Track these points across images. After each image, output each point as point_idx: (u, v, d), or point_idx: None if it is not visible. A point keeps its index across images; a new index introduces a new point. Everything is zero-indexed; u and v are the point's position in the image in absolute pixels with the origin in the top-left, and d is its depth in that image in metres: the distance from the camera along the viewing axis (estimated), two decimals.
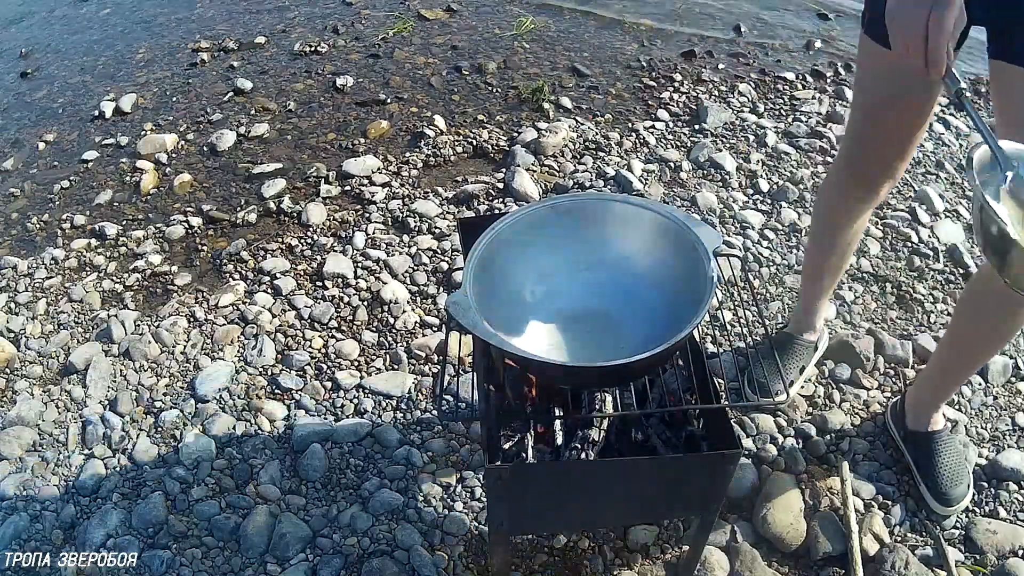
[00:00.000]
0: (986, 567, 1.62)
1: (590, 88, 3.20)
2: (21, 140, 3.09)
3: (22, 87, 3.47)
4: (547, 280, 1.34)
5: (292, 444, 1.84)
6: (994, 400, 1.97)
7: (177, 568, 1.60)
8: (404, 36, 3.58)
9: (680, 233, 1.23)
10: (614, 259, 1.33)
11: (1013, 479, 1.77)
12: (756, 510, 1.69)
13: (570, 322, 1.32)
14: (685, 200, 2.56)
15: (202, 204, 2.63)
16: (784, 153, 2.78)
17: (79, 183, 2.80)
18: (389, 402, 1.93)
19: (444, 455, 1.81)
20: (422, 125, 2.94)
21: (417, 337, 2.10)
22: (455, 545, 1.64)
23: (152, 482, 1.77)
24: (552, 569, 1.61)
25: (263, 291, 2.24)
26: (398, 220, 2.49)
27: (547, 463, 1.25)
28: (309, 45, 3.51)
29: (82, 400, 1.96)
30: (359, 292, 2.23)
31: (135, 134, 3.01)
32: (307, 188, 2.67)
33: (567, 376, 1.20)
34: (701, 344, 1.41)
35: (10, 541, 1.65)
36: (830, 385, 1.99)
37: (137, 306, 2.24)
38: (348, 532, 1.67)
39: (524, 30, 3.58)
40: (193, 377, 1.99)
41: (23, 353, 2.12)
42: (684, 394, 1.30)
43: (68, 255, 2.45)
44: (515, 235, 1.28)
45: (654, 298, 1.29)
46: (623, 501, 1.29)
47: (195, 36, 3.71)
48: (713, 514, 1.35)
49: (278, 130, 2.98)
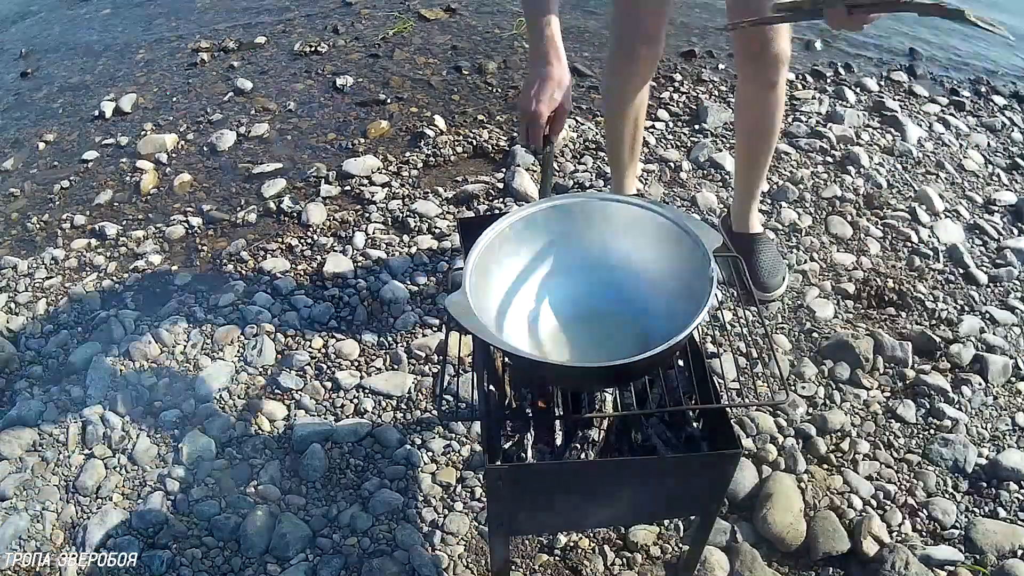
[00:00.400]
0: (986, 567, 1.62)
1: (590, 88, 3.20)
2: (21, 140, 3.09)
3: (22, 87, 3.48)
4: (547, 280, 1.34)
5: (292, 444, 1.84)
6: (994, 400, 1.97)
7: (177, 568, 1.60)
8: (404, 36, 3.58)
9: (680, 233, 1.23)
10: (614, 259, 1.33)
11: (1013, 479, 1.77)
12: (756, 510, 1.68)
13: (570, 322, 1.32)
14: (685, 200, 2.56)
15: (202, 204, 2.63)
16: (784, 153, 2.78)
17: (79, 183, 2.80)
18: (389, 402, 1.93)
19: (444, 455, 1.81)
20: (422, 125, 2.94)
21: (417, 337, 2.10)
22: (455, 545, 1.65)
23: (152, 482, 1.77)
24: (552, 569, 1.61)
25: (263, 291, 2.24)
26: (398, 220, 2.49)
27: (547, 463, 1.25)
28: (309, 45, 3.51)
29: (82, 400, 1.96)
30: (359, 292, 2.23)
31: (135, 134, 3.01)
32: (307, 188, 2.67)
33: (567, 376, 1.20)
34: (701, 344, 1.41)
35: (10, 541, 1.66)
36: (830, 385, 1.99)
37: (137, 306, 2.24)
38: (348, 532, 1.67)
39: (524, 30, 3.58)
40: (193, 377, 1.99)
41: (23, 353, 2.12)
42: (684, 394, 1.30)
43: (68, 255, 2.45)
44: (515, 235, 1.28)
45: (654, 298, 1.29)
46: (623, 501, 1.29)
47: (195, 36, 3.71)
48: (713, 514, 1.35)
49: (278, 130, 2.98)
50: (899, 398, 1.96)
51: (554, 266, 1.33)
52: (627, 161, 2.23)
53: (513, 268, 1.30)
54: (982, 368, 2.02)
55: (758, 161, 2.08)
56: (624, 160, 2.22)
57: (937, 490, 1.77)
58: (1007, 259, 2.38)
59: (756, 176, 2.13)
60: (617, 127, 2.15)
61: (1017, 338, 2.14)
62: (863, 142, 2.87)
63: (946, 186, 2.70)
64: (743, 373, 1.90)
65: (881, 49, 3.63)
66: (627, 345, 1.25)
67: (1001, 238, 2.48)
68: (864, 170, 2.71)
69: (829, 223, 2.49)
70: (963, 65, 3.55)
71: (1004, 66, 3.55)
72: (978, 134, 3.00)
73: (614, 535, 1.67)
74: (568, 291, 1.33)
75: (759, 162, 2.08)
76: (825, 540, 1.63)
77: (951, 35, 3.83)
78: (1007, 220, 2.58)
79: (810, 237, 2.43)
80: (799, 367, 2.02)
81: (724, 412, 1.22)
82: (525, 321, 1.30)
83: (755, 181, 2.14)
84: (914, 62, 3.50)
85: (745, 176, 2.15)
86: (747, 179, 2.15)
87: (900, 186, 2.66)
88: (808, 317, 2.17)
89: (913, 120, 3.02)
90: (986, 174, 2.79)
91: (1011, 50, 3.71)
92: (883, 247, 2.42)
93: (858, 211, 2.55)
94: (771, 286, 2.16)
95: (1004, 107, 3.21)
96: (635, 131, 2.16)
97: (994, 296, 2.28)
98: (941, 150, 2.88)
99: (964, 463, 1.81)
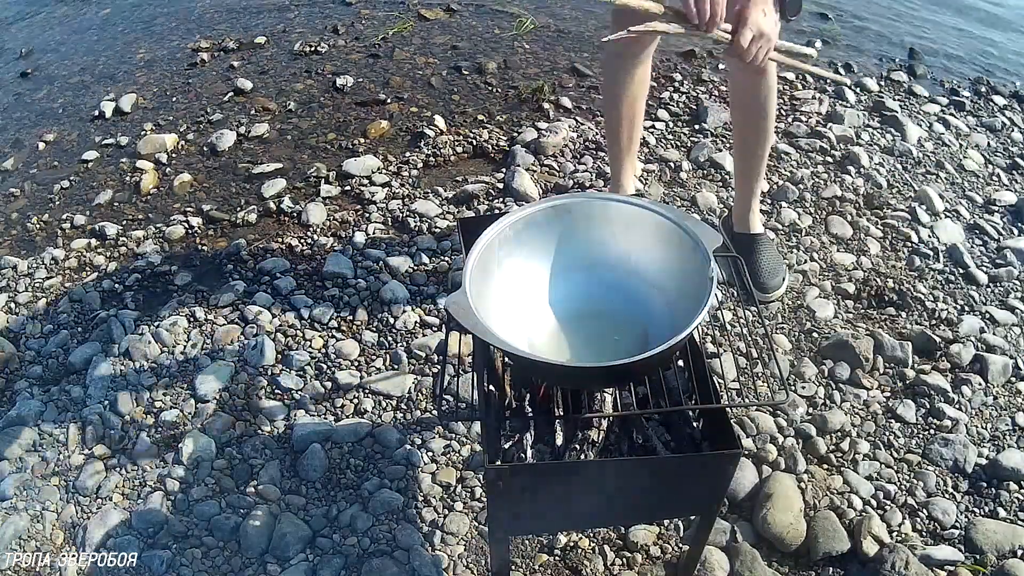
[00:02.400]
0: (986, 567, 1.62)
1: (590, 88, 3.20)
2: (21, 140, 3.09)
3: (22, 87, 3.47)
4: (547, 280, 1.34)
5: (292, 444, 1.84)
6: (994, 400, 1.97)
7: (177, 568, 1.60)
8: (404, 36, 3.58)
9: (680, 233, 1.23)
10: (614, 259, 1.33)
11: (1013, 479, 1.77)
12: (756, 510, 1.68)
13: (570, 322, 1.32)
14: (685, 200, 2.56)
15: (202, 204, 2.63)
16: (784, 153, 2.78)
17: (79, 183, 2.80)
18: (389, 402, 1.93)
19: (444, 455, 1.81)
20: (422, 125, 2.94)
21: (417, 337, 2.10)
22: (455, 545, 1.65)
23: (152, 482, 1.77)
24: (552, 569, 1.61)
25: (263, 291, 2.24)
26: (398, 220, 2.49)
27: (547, 463, 1.25)
28: (309, 45, 3.51)
29: (82, 400, 1.96)
30: (359, 292, 2.23)
31: (135, 134, 3.01)
32: (307, 188, 2.67)
33: (567, 376, 1.20)
34: (701, 344, 1.41)
35: (10, 541, 1.66)
36: (830, 385, 1.99)
37: (137, 306, 2.24)
38: (348, 532, 1.67)
39: (524, 30, 3.58)
40: (193, 377, 1.99)
41: (23, 353, 2.12)
42: (684, 394, 1.30)
43: (68, 255, 2.45)
44: (515, 235, 1.29)
45: (654, 298, 1.29)
46: (623, 501, 1.29)
47: (195, 36, 3.71)
48: (713, 514, 1.35)
49: (278, 130, 2.98)
50: (899, 398, 1.96)
51: (554, 266, 1.33)
52: (624, 153, 2.20)
53: (513, 268, 1.30)
54: (982, 368, 2.02)
55: (755, 153, 2.07)
56: (621, 151, 2.20)
57: (937, 490, 1.77)
58: (1007, 259, 2.38)
59: (754, 171, 2.11)
60: (613, 116, 2.14)
61: (1017, 338, 2.14)
62: (863, 142, 2.88)
63: (946, 186, 2.70)
64: (743, 373, 1.90)
65: (881, 49, 3.63)
66: (627, 345, 1.25)
67: (1001, 238, 2.48)
68: (864, 170, 2.71)
69: (829, 223, 2.49)
70: (963, 65, 3.55)
71: (1004, 66, 3.56)
72: (978, 134, 3.00)
73: (614, 535, 1.67)
74: (568, 291, 1.33)
75: (756, 154, 2.07)
76: (825, 540, 1.63)
77: (952, 35, 3.83)
78: (1007, 220, 2.58)
79: (810, 237, 2.43)
80: (799, 367, 2.02)
81: (724, 412, 1.22)
82: (525, 321, 1.30)
83: (754, 177, 2.13)
84: (914, 62, 3.50)
85: (744, 172, 2.14)
86: (746, 175, 2.14)
87: (900, 186, 2.66)
88: (808, 317, 2.17)
89: (913, 120, 3.03)
90: (986, 174, 2.79)
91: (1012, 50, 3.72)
92: (883, 247, 2.42)
93: (858, 211, 2.55)
94: (771, 287, 2.16)
95: (1004, 107, 3.21)
96: (633, 121, 2.14)
97: (994, 296, 2.28)
98: (941, 150, 2.88)
99: (964, 463, 1.81)
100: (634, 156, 2.28)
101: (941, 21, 4.00)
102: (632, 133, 2.18)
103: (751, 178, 2.13)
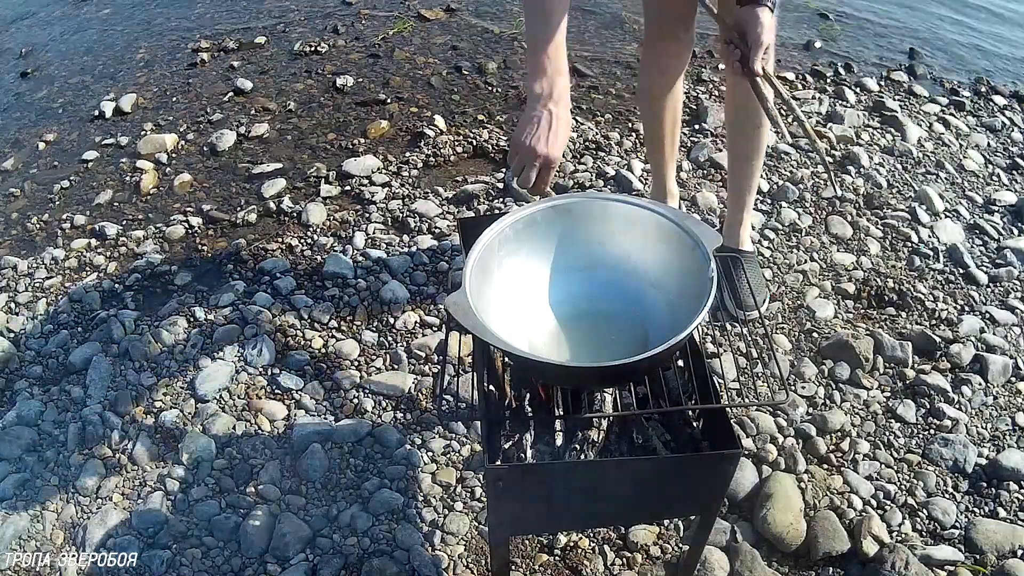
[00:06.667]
0: (986, 567, 1.62)
1: (590, 88, 3.20)
2: (21, 140, 3.09)
3: (22, 87, 3.47)
4: (547, 280, 1.34)
5: (292, 444, 1.84)
6: (994, 400, 1.97)
7: (177, 568, 1.60)
8: (404, 36, 3.58)
9: (680, 233, 1.23)
10: (614, 259, 1.33)
11: (1013, 479, 1.77)
12: (756, 510, 1.68)
13: (570, 322, 1.32)
14: (685, 200, 2.56)
15: (202, 204, 2.63)
16: (784, 153, 2.78)
17: (79, 183, 2.80)
18: (389, 402, 1.93)
19: (444, 455, 1.81)
20: (422, 125, 2.94)
21: (417, 337, 2.10)
22: (455, 545, 1.65)
23: (152, 482, 1.77)
24: (552, 569, 1.61)
25: (263, 291, 2.24)
26: (398, 220, 2.49)
27: (547, 463, 1.25)
28: (309, 45, 3.51)
29: (82, 400, 1.96)
30: (359, 292, 2.23)
31: (135, 134, 3.01)
32: (307, 188, 2.67)
33: (567, 376, 1.20)
34: (701, 344, 1.41)
35: (10, 541, 1.66)
36: (830, 385, 1.99)
37: (137, 306, 2.24)
38: (348, 532, 1.67)
39: (524, 30, 3.58)
40: (193, 377, 1.99)
41: (23, 353, 2.12)
42: (684, 394, 1.30)
43: (68, 255, 2.45)
44: (515, 235, 1.29)
45: (654, 298, 1.29)
46: (623, 501, 1.29)
47: (195, 36, 3.71)
48: (713, 514, 1.35)
49: (278, 130, 2.98)
50: (899, 398, 1.96)
51: (554, 266, 1.33)
52: (668, 160, 2.21)
53: (513, 268, 1.30)
54: (982, 368, 2.02)
55: (747, 156, 2.02)
56: (665, 159, 2.20)
57: (937, 490, 1.77)
58: (1007, 259, 2.38)
59: (745, 179, 2.07)
60: (654, 125, 2.14)
61: (1017, 338, 2.14)
62: (863, 142, 2.88)
63: (946, 186, 2.70)
64: (743, 373, 1.90)
65: (881, 49, 3.63)
66: (627, 345, 1.25)
67: (1001, 238, 2.48)
68: (864, 170, 2.71)
69: (829, 223, 2.49)
70: (963, 65, 3.55)
71: (1004, 66, 3.55)
72: (978, 134, 3.00)
73: (614, 535, 1.67)
74: (568, 291, 1.33)
75: (748, 156, 2.02)
76: (825, 540, 1.63)
77: (952, 35, 3.83)
78: (1007, 220, 2.58)
79: (810, 237, 2.43)
80: (799, 367, 2.02)
81: (724, 412, 1.22)
82: (525, 321, 1.30)
83: (745, 186, 2.08)
84: (914, 62, 3.50)
85: (735, 179, 2.10)
86: (736, 183, 2.10)
87: (900, 186, 2.66)
88: (808, 317, 2.17)
89: (913, 120, 3.03)
90: (986, 174, 2.79)
91: (1012, 49, 3.71)
92: (883, 247, 2.42)
93: (858, 211, 2.55)
94: (748, 305, 2.04)
95: (1004, 107, 3.21)
96: (674, 130, 2.15)
97: (994, 296, 2.28)
98: (941, 150, 2.88)
99: (964, 463, 1.81)
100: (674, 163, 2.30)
101: (941, 21, 4.00)
102: (675, 139, 2.20)
103: (743, 188, 2.09)
